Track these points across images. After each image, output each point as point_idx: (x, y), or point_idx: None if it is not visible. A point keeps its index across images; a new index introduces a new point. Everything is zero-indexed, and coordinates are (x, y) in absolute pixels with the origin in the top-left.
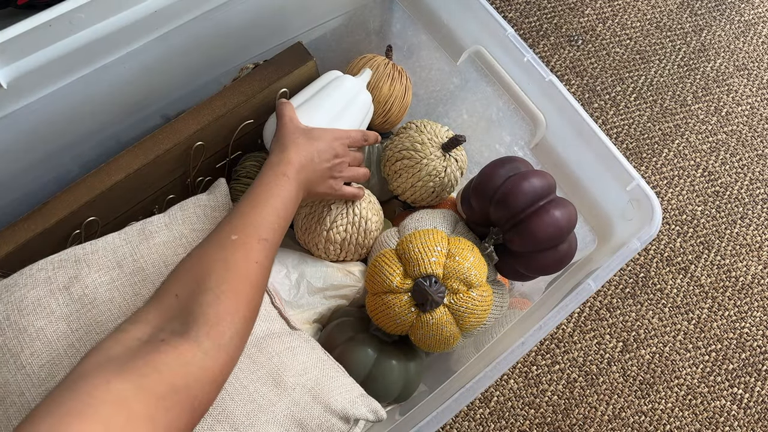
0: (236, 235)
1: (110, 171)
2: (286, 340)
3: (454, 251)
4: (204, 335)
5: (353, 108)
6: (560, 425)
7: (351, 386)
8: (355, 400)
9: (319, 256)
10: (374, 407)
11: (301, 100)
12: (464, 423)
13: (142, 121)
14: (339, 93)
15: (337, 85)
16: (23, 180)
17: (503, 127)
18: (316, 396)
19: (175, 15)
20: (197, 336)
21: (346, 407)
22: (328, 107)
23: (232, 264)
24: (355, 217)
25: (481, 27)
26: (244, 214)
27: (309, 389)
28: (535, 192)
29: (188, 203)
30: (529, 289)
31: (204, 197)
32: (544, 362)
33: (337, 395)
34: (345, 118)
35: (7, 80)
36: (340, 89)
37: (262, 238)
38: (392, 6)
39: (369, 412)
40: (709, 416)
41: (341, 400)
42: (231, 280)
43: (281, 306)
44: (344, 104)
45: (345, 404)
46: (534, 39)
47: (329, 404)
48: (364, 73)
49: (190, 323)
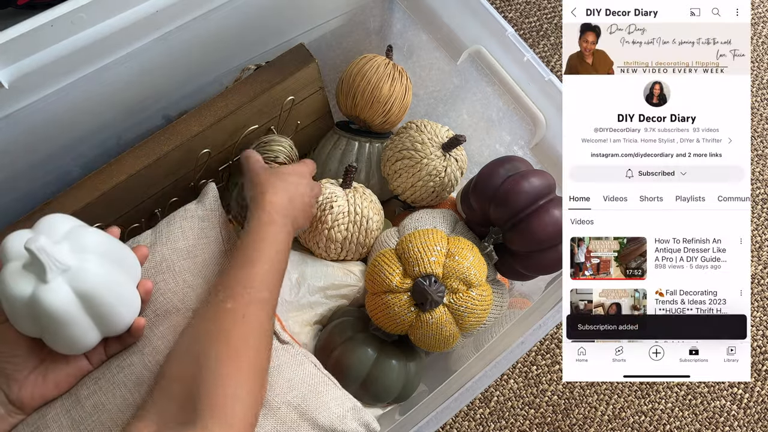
0: (231, 302)
1: (112, 172)
2: (272, 358)
3: (454, 251)
4: (214, 422)
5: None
6: (560, 425)
7: (342, 399)
8: (345, 414)
9: (319, 255)
10: (366, 420)
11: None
12: (464, 423)
13: (143, 121)
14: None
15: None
16: (23, 180)
17: (503, 127)
18: (302, 413)
19: (176, 15)
20: (205, 425)
21: (335, 423)
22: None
23: (232, 336)
24: (356, 216)
25: (481, 27)
26: (237, 276)
27: (295, 407)
28: (534, 191)
29: (175, 217)
30: (529, 289)
31: (192, 207)
32: (544, 362)
33: (325, 411)
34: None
35: (8, 80)
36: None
37: (261, 298)
38: (392, 6)
39: (360, 425)
40: (709, 416)
41: (329, 415)
42: (233, 355)
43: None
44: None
45: (333, 420)
46: (534, 39)
47: (316, 421)
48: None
49: (197, 411)
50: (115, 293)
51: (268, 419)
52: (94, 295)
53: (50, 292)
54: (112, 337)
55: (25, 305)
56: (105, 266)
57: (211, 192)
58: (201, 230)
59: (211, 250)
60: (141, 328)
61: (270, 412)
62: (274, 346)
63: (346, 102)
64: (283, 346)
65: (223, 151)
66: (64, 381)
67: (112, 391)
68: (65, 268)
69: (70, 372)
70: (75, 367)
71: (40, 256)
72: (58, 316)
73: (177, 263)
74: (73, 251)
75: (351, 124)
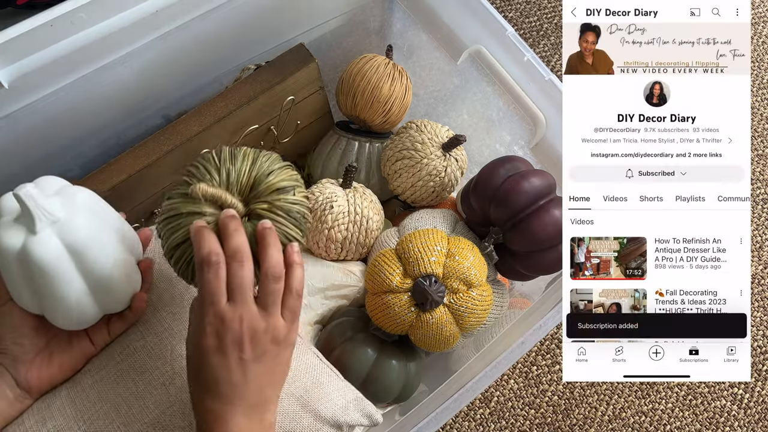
0: None
1: (111, 172)
2: None
3: (454, 251)
4: None
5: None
6: (560, 425)
7: (344, 390)
8: (348, 405)
9: (319, 254)
10: (368, 411)
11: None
12: (464, 423)
13: (143, 121)
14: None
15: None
16: (23, 180)
17: (503, 127)
18: (304, 404)
19: (176, 15)
20: None
21: (337, 414)
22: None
23: None
24: (356, 216)
25: (481, 26)
26: None
27: (297, 398)
28: (535, 191)
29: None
30: (529, 289)
31: None
32: (544, 362)
33: (327, 402)
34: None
35: (8, 80)
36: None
37: None
38: (392, 6)
39: (362, 416)
40: (709, 416)
41: (331, 406)
42: None
43: None
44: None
45: (335, 411)
46: (534, 39)
47: (318, 412)
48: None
49: None
50: (110, 256)
51: None
52: (85, 250)
53: (39, 243)
54: (114, 316)
55: (17, 261)
56: (96, 223)
57: None
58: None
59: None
60: (142, 302)
61: None
62: None
63: (346, 102)
64: None
65: None
66: (68, 363)
67: (115, 380)
68: (54, 219)
69: (75, 354)
70: (79, 348)
71: (28, 204)
72: (48, 270)
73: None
74: (64, 205)
75: (351, 124)
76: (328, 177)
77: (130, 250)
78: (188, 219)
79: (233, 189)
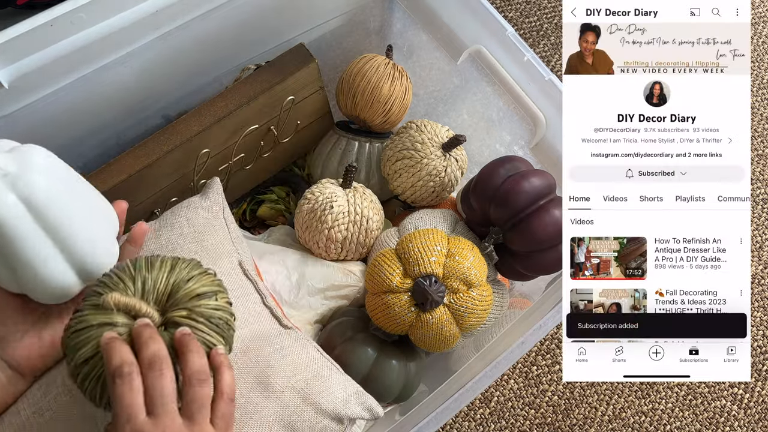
0: None
1: (112, 172)
2: (276, 342)
3: (454, 251)
4: None
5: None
6: (560, 425)
7: (345, 384)
8: (349, 398)
9: (319, 254)
10: (369, 405)
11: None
12: (464, 423)
13: (143, 121)
14: None
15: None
16: None
17: (503, 127)
18: (306, 397)
19: (176, 15)
20: None
21: (338, 407)
22: None
23: None
24: (356, 216)
25: (481, 26)
26: None
27: (299, 391)
28: (535, 191)
29: (180, 208)
30: (529, 289)
31: (196, 199)
32: (544, 362)
33: (328, 395)
34: None
35: (8, 80)
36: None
37: None
38: (392, 6)
39: (364, 410)
40: (709, 416)
41: (332, 399)
42: None
43: (272, 305)
44: None
45: (336, 404)
46: (534, 39)
47: (320, 405)
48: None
49: None
50: (76, 216)
51: (272, 403)
52: (47, 209)
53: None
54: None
55: None
56: (54, 182)
57: (215, 186)
58: (206, 220)
59: (218, 236)
60: (143, 227)
61: (273, 395)
62: (276, 330)
63: (346, 102)
64: (286, 331)
65: (223, 151)
66: (59, 339)
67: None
68: (4, 173)
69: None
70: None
71: None
72: (5, 227)
73: (184, 246)
74: (16, 160)
75: (351, 124)
76: (328, 177)
77: (105, 217)
78: (98, 331)
79: (149, 298)
